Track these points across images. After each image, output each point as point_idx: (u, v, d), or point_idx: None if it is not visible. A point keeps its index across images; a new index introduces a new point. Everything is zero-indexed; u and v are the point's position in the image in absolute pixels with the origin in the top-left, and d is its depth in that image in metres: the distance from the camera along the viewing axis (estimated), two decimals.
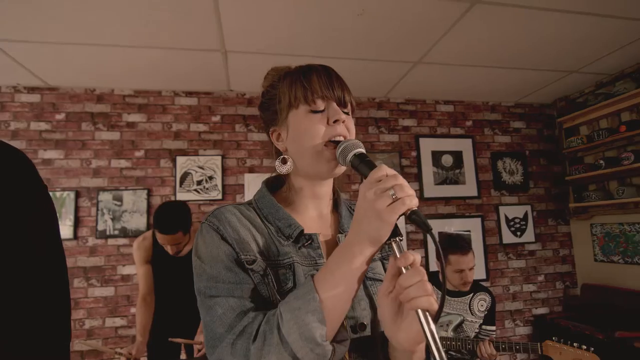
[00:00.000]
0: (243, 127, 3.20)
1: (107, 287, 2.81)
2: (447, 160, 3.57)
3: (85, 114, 2.97)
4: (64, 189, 2.84)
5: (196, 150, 3.10)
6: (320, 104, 0.72)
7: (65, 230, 2.79)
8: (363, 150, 0.68)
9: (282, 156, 0.77)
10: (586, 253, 3.53)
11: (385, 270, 0.79)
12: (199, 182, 3.04)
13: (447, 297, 2.23)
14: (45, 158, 2.85)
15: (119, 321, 2.78)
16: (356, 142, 0.69)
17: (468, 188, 3.56)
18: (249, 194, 3.08)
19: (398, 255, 0.59)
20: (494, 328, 2.22)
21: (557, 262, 3.61)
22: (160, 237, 2.03)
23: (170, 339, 2.02)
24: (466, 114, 3.67)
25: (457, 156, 3.58)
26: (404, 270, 0.57)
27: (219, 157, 3.10)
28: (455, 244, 2.19)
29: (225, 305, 0.63)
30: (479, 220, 3.51)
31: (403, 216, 0.57)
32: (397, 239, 0.59)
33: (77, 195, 2.86)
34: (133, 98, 3.06)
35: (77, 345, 2.68)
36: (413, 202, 0.56)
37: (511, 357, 3.33)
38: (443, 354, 0.53)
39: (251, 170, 3.15)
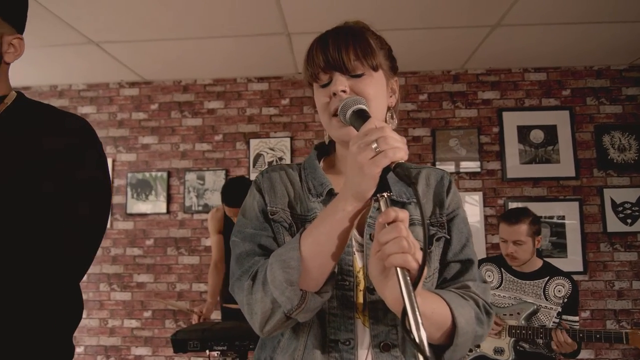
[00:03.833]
0: (311, 108, 3.26)
1: (193, 256, 3.19)
2: (537, 136, 3.15)
3: (174, 103, 3.34)
4: (158, 170, 3.27)
5: (267, 132, 3.27)
6: (324, 77, 0.73)
7: (160, 205, 3.22)
8: (363, 107, 0.66)
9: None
10: None
11: (423, 233, 0.77)
12: (270, 163, 3.22)
13: (517, 280, 2.04)
14: (144, 143, 3.31)
15: (203, 286, 3.14)
16: (356, 98, 0.67)
17: (563, 167, 3.11)
18: None
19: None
20: (577, 319, 1.96)
21: None
22: (227, 210, 2.24)
23: (224, 305, 2.22)
24: (563, 81, 3.17)
25: (550, 131, 3.14)
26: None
27: (288, 139, 3.23)
28: (507, 213, 2.08)
29: (242, 248, 0.72)
30: (576, 204, 3.05)
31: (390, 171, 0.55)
32: (385, 194, 0.57)
33: (169, 175, 3.27)
34: (212, 86, 3.34)
35: (160, 304, 3.10)
36: (397, 155, 0.54)
37: (597, 353, 2.89)
38: (418, 315, 0.50)
39: None
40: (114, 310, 3.19)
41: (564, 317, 1.96)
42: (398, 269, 0.53)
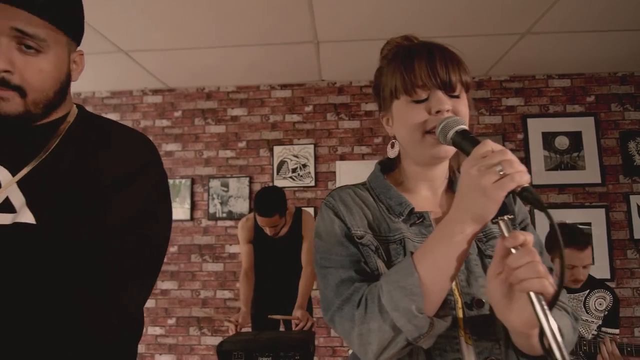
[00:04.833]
0: (334, 115, 3.27)
1: (217, 263, 3.19)
2: (562, 142, 3.15)
3: (197, 110, 3.35)
4: (182, 177, 3.28)
5: (291, 139, 3.27)
6: (422, 93, 0.70)
7: (184, 212, 3.22)
8: (466, 127, 0.65)
9: (392, 140, 0.80)
10: None
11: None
12: (294, 170, 3.22)
13: None
14: (167, 150, 3.31)
15: (227, 294, 3.14)
16: (457, 118, 0.66)
17: (589, 174, 3.10)
18: (340, 181, 3.15)
19: (506, 235, 0.57)
20: (617, 331, 1.93)
21: None
22: (259, 220, 2.23)
23: (269, 316, 2.22)
24: (587, 88, 3.17)
25: (575, 137, 3.13)
26: (513, 251, 0.55)
27: (312, 146, 3.23)
28: (571, 236, 1.89)
29: (335, 275, 0.70)
30: (602, 211, 3.04)
31: (512, 194, 0.54)
32: (506, 217, 0.57)
33: (193, 182, 3.27)
34: (236, 94, 3.35)
35: (195, 312, 3.10)
36: (524, 179, 0.53)
37: None
38: (560, 340, 0.50)
39: (342, 157, 3.21)
40: None
41: (603, 329, 1.94)
42: (532, 293, 0.52)
